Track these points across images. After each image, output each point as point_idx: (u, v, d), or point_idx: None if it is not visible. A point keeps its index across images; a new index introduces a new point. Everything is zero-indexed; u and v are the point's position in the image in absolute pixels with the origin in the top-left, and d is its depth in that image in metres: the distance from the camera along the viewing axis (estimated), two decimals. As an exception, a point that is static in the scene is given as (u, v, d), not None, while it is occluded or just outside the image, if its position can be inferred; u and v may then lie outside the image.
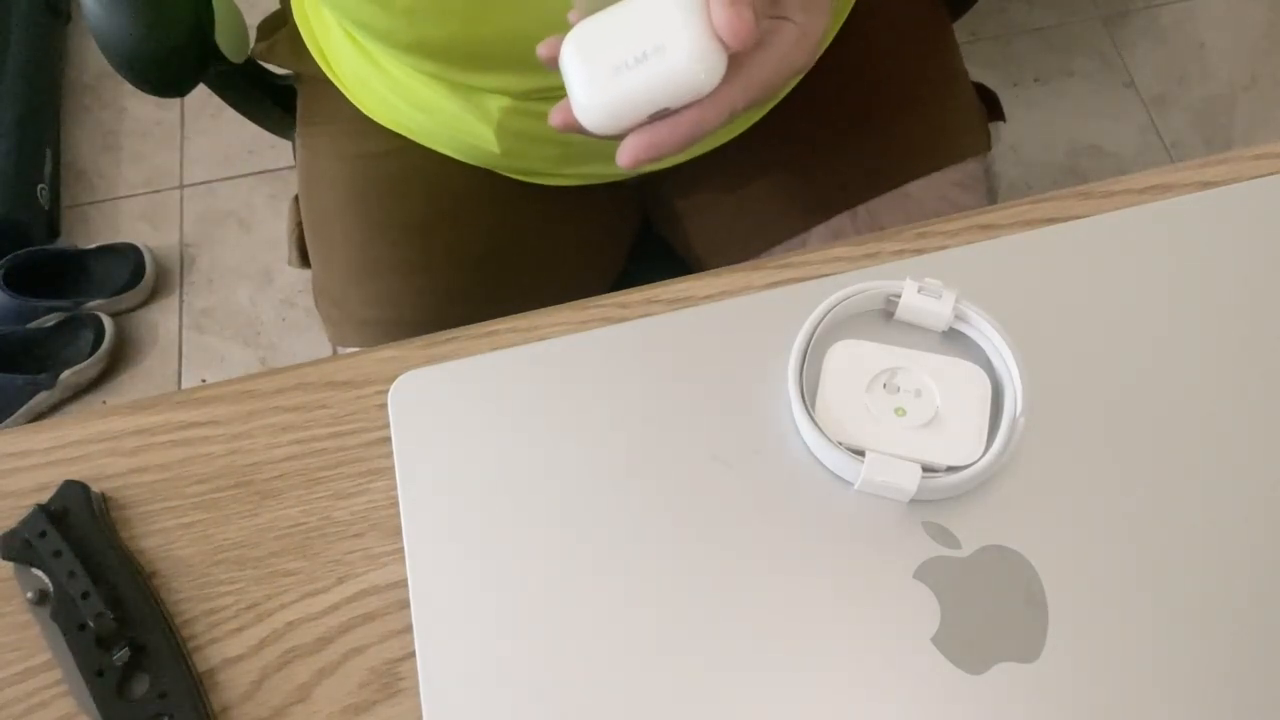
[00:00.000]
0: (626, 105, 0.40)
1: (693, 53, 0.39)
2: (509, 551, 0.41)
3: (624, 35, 0.40)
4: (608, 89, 0.40)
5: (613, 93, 0.40)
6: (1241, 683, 0.39)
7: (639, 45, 0.40)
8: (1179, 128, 1.50)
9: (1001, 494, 0.42)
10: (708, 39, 0.39)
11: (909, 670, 0.39)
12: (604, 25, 0.41)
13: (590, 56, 0.41)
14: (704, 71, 0.40)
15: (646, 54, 0.40)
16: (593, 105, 0.41)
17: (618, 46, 0.40)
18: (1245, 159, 0.51)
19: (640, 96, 0.40)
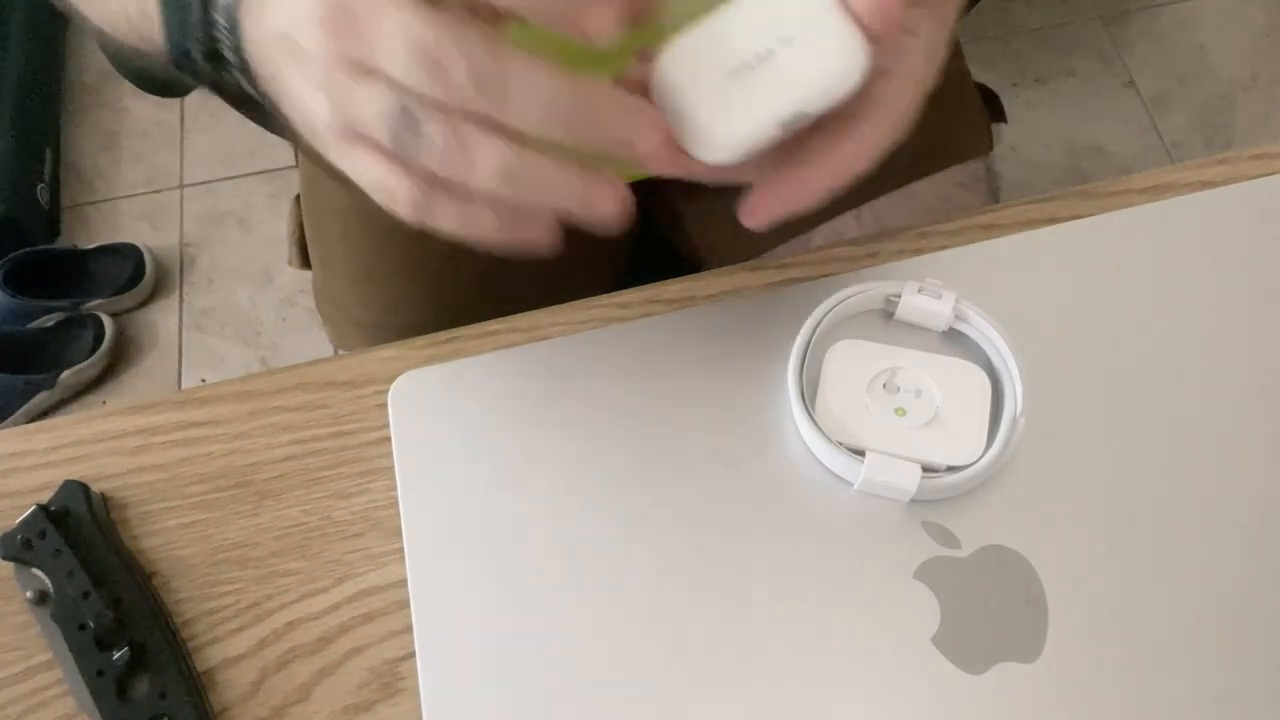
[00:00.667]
0: (752, 116, 0.34)
1: (830, 37, 0.33)
2: (509, 551, 0.41)
3: (735, 37, 0.34)
4: (726, 99, 0.34)
5: (734, 102, 0.34)
6: (1241, 682, 0.39)
7: (758, 42, 0.34)
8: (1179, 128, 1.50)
9: (1001, 494, 0.42)
10: (844, 22, 0.33)
11: (909, 670, 0.39)
12: (707, 33, 0.35)
13: (697, 67, 0.34)
14: (848, 57, 0.33)
15: (771, 50, 0.33)
16: (712, 123, 0.34)
17: (730, 49, 0.34)
18: (1245, 159, 0.51)
19: (769, 102, 0.34)
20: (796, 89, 0.33)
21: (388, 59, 0.30)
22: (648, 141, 0.32)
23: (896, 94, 0.36)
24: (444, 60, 0.30)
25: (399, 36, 0.30)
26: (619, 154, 0.32)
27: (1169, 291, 0.47)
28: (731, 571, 0.41)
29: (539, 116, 0.31)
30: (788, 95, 0.33)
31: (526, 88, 0.30)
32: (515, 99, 0.30)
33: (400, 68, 0.30)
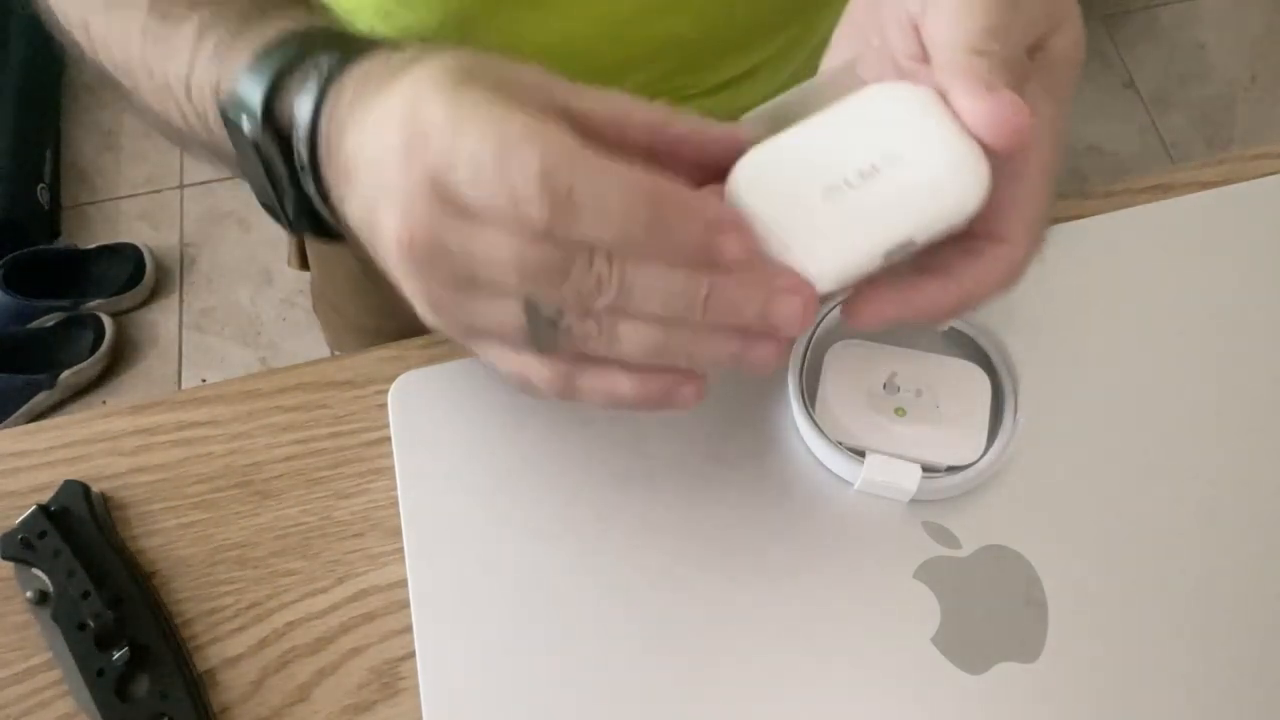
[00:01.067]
0: (853, 245, 0.29)
1: (947, 153, 0.28)
2: (509, 551, 0.41)
3: (832, 148, 0.29)
4: (821, 222, 0.29)
5: (831, 227, 0.28)
6: (1241, 682, 0.39)
7: (860, 157, 0.29)
8: (1179, 128, 1.50)
9: (1001, 494, 0.42)
10: (962, 133, 0.28)
11: (909, 670, 0.39)
12: (796, 140, 0.30)
13: (785, 180, 0.29)
14: (968, 176, 0.28)
15: (875, 166, 0.28)
16: (807, 252, 0.29)
17: (826, 163, 0.29)
18: (1245, 159, 0.51)
19: (874, 230, 0.28)
20: (908, 215, 0.29)
21: (501, 277, 0.28)
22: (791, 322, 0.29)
23: (1028, 198, 0.31)
24: (561, 270, 0.27)
25: (507, 256, 0.27)
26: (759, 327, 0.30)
27: (1169, 291, 0.47)
28: (732, 571, 0.41)
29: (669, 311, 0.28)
30: (897, 222, 0.28)
31: (648, 290, 0.28)
32: (642, 299, 0.28)
33: (516, 284, 0.28)
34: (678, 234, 0.27)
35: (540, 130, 0.26)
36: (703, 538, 0.41)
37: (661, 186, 0.27)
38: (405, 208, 0.28)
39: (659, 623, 0.40)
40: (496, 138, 0.26)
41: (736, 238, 0.28)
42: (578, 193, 0.26)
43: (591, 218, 0.26)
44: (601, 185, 0.26)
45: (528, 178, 0.26)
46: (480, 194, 0.27)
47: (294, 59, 0.32)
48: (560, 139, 0.27)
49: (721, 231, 0.27)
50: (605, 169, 0.26)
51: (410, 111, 0.28)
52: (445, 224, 0.28)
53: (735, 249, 0.28)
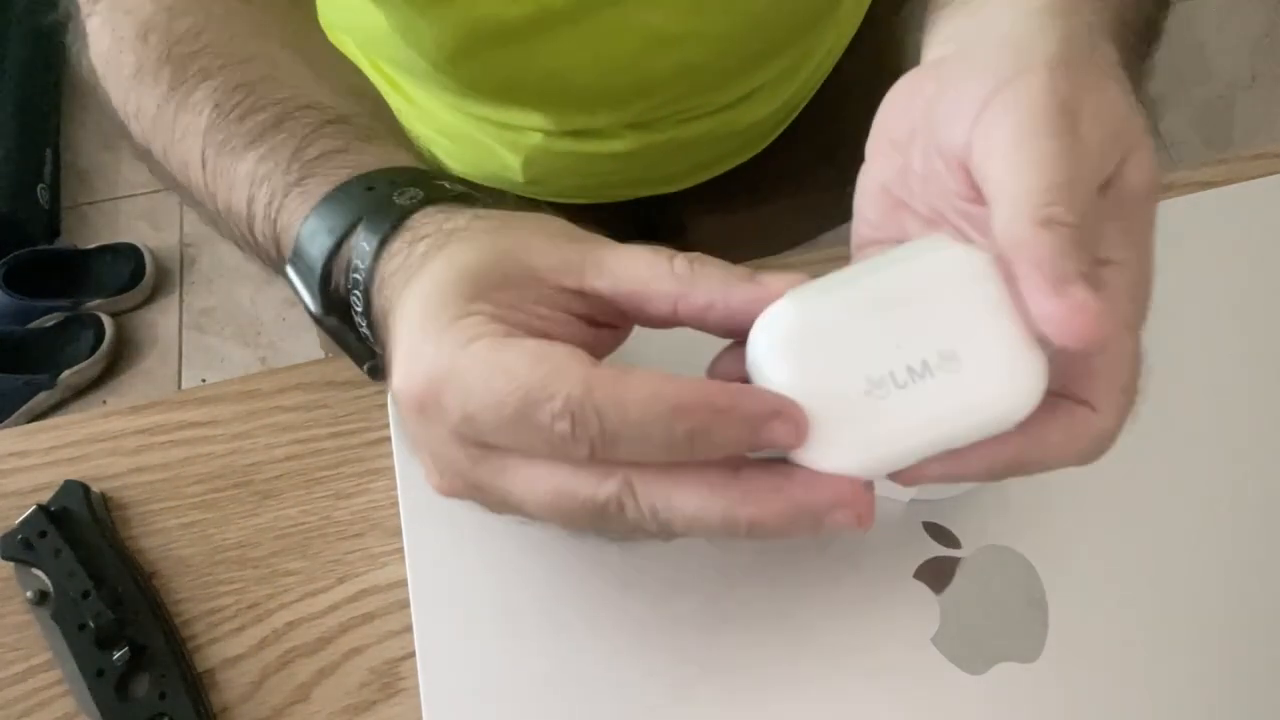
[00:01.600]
0: (892, 446, 0.26)
1: (1008, 357, 0.25)
2: (509, 551, 0.41)
3: (877, 327, 0.26)
4: (860, 417, 0.26)
5: (869, 425, 0.26)
6: (1241, 682, 0.39)
7: (912, 349, 0.25)
8: (1179, 128, 1.50)
9: (1001, 494, 0.42)
10: (1023, 334, 0.25)
11: (909, 670, 0.39)
12: (832, 305, 0.27)
13: (820, 358, 0.26)
14: (1024, 394, 0.26)
15: (927, 364, 0.25)
16: (834, 443, 0.26)
17: (871, 346, 0.26)
18: (1245, 159, 0.51)
19: (916, 432, 0.26)
20: (956, 426, 0.26)
21: (540, 514, 0.28)
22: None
23: (1116, 363, 0.28)
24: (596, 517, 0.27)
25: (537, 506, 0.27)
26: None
27: (1168, 291, 0.46)
28: (731, 571, 0.41)
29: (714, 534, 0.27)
30: (941, 428, 0.26)
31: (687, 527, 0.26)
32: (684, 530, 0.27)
33: (560, 521, 0.28)
34: (720, 438, 0.25)
35: (548, 371, 0.26)
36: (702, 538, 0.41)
37: (693, 396, 0.25)
38: (437, 463, 0.29)
39: (658, 622, 0.40)
40: (509, 392, 0.25)
41: (783, 426, 0.25)
42: (610, 428, 0.25)
43: (629, 446, 0.25)
44: (633, 413, 0.25)
45: (560, 424, 0.25)
46: (519, 444, 0.26)
47: (340, 239, 0.32)
48: (573, 372, 0.25)
49: (766, 423, 0.25)
50: (631, 395, 0.25)
51: (426, 363, 0.27)
52: (482, 471, 0.28)
53: (787, 438, 0.25)
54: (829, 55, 0.65)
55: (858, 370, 0.26)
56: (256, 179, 0.35)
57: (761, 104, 0.62)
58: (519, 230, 0.30)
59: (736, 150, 0.66)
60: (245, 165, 0.35)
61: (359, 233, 0.31)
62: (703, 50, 0.54)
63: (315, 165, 0.34)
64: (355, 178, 0.33)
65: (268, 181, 0.34)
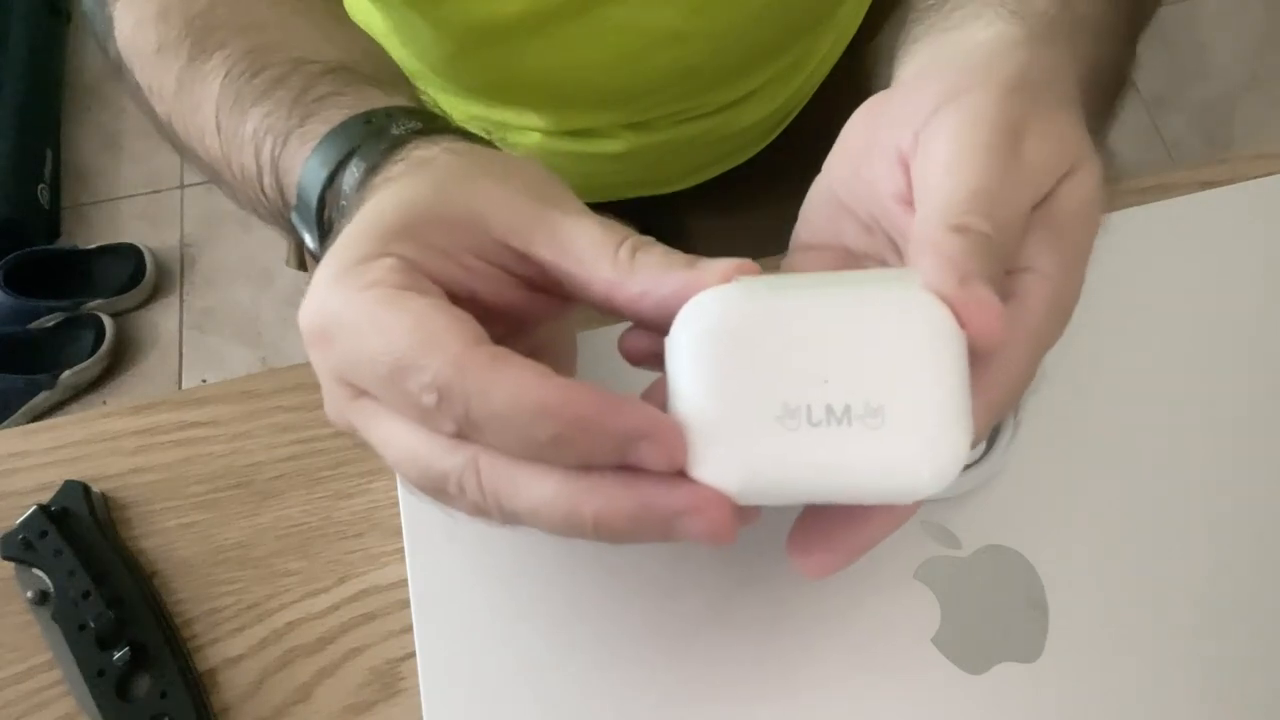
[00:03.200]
0: (783, 485, 0.24)
1: (933, 441, 0.24)
2: (509, 551, 0.41)
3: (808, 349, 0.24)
4: (759, 449, 0.24)
5: (767, 459, 0.24)
6: (1241, 682, 0.39)
7: (839, 389, 0.24)
8: (1179, 128, 1.50)
9: (1001, 494, 0.42)
10: (957, 416, 0.24)
11: (909, 670, 0.39)
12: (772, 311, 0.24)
13: (736, 371, 0.24)
14: (936, 476, 0.24)
15: (850, 411, 0.24)
16: (727, 458, 0.24)
17: (795, 371, 0.24)
18: (1245, 159, 0.51)
19: (813, 480, 0.24)
20: (856, 482, 0.24)
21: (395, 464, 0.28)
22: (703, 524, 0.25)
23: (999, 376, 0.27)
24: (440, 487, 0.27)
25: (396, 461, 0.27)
26: None
27: (1168, 291, 0.47)
28: (731, 572, 0.41)
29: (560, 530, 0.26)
30: (838, 480, 0.24)
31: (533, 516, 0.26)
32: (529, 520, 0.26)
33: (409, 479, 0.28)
34: (583, 449, 0.24)
35: (431, 342, 0.25)
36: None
37: (565, 401, 0.24)
38: (325, 387, 0.29)
39: (659, 622, 0.40)
40: (387, 354, 0.25)
41: (652, 449, 0.24)
42: (475, 414, 0.25)
43: (493, 435, 0.25)
44: (499, 403, 0.24)
45: (428, 396, 0.25)
46: (390, 402, 0.26)
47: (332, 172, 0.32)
48: (448, 348, 0.25)
49: (635, 442, 0.24)
50: (503, 388, 0.24)
51: (322, 297, 0.27)
52: (352, 409, 0.28)
53: (657, 461, 0.24)
54: (828, 56, 0.65)
55: (774, 393, 0.24)
56: (261, 132, 0.35)
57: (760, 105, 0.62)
58: (487, 173, 0.29)
59: (735, 151, 0.66)
60: (251, 122, 0.35)
61: (351, 163, 0.31)
62: (701, 50, 0.54)
63: (316, 107, 0.34)
64: (354, 115, 0.33)
65: (271, 132, 0.35)
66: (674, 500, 0.25)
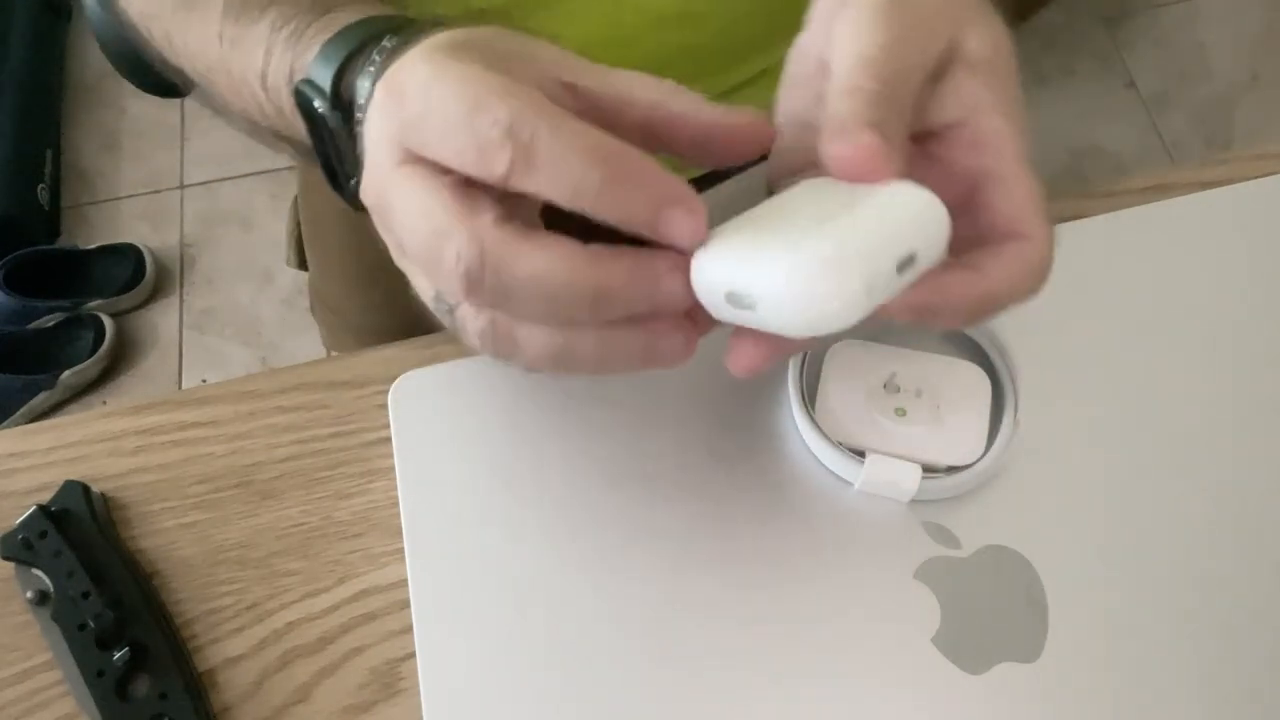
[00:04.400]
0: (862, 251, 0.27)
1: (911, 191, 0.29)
2: (509, 551, 0.41)
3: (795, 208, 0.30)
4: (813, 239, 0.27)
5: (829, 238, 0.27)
6: (1241, 682, 0.39)
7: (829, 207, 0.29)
8: (1179, 128, 1.50)
9: (1001, 494, 0.42)
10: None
11: (909, 670, 0.39)
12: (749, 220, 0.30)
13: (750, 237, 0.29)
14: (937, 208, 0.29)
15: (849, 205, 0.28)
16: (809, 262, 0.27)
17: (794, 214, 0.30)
18: (1245, 159, 0.51)
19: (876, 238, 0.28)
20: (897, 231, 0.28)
21: (398, 252, 0.30)
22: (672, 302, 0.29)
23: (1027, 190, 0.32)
24: (435, 258, 0.28)
25: (405, 232, 0.29)
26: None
27: (1168, 291, 0.47)
28: (732, 572, 0.41)
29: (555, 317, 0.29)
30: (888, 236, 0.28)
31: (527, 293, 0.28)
32: (523, 301, 0.28)
33: (412, 261, 0.30)
34: (625, 200, 0.27)
35: (511, 88, 0.27)
36: (702, 538, 0.41)
37: (619, 151, 0.27)
38: (372, 159, 0.30)
39: (658, 622, 0.40)
40: (470, 94, 0.27)
41: (685, 216, 0.28)
42: (539, 146, 0.27)
43: (547, 173, 0.27)
44: (563, 140, 0.27)
45: (495, 129, 0.27)
46: (449, 146, 0.28)
47: (362, 42, 0.33)
48: (530, 95, 0.28)
49: (669, 206, 0.28)
50: (569, 127, 0.27)
51: (395, 73, 0.29)
52: (392, 178, 0.29)
53: (683, 229, 0.28)
54: None
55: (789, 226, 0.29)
56: (276, 26, 0.37)
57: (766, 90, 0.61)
58: (515, 35, 0.32)
59: None
60: (262, 26, 0.37)
61: (384, 39, 0.33)
62: (705, 30, 0.54)
63: (337, 7, 0.36)
64: (384, 15, 0.35)
65: (290, 23, 0.37)
66: (661, 261, 0.28)
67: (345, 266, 0.69)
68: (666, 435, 0.43)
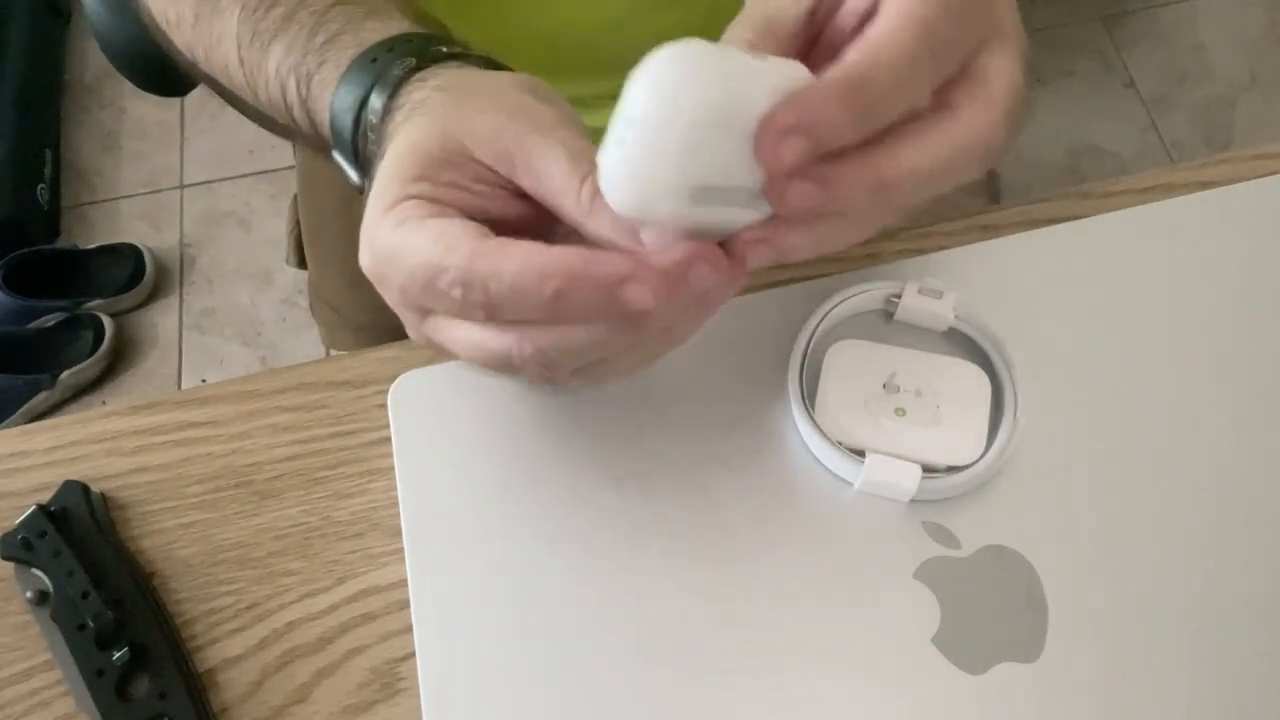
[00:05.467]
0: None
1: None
2: (509, 551, 0.41)
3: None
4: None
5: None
6: (1241, 682, 0.39)
7: None
8: (1179, 128, 1.50)
9: (1001, 494, 0.42)
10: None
11: (909, 670, 0.39)
12: None
13: None
14: None
15: None
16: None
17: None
18: (1245, 159, 0.51)
19: None
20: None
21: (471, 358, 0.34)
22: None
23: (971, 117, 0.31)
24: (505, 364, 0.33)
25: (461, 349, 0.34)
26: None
27: (1169, 291, 0.47)
28: (731, 572, 0.41)
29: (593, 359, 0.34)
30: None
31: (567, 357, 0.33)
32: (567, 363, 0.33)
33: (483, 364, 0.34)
34: (580, 300, 0.30)
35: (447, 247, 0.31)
36: (702, 538, 0.41)
37: (552, 262, 0.30)
38: (402, 318, 0.35)
39: (658, 622, 0.40)
40: (420, 266, 0.31)
41: (635, 288, 0.30)
42: (491, 295, 0.30)
43: (510, 307, 0.31)
44: (505, 282, 0.30)
45: (456, 290, 0.31)
46: (435, 307, 0.33)
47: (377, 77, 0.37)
48: (463, 246, 0.31)
49: (619, 287, 0.30)
50: (505, 266, 0.30)
51: (369, 245, 0.33)
52: (425, 326, 0.34)
53: (641, 300, 0.30)
54: None
55: None
56: (283, 73, 0.40)
57: None
58: (470, 106, 0.34)
59: None
60: (272, 61, 0.40)
61: (366, 110, 0.36)
62: (700, 11, 0.53)
63: (326, 51, 0.39)
64: (359, 56, 0.37)
65: (293, 74, 0.40)
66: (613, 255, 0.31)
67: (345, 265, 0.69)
68: (666, 436, 0.43)
